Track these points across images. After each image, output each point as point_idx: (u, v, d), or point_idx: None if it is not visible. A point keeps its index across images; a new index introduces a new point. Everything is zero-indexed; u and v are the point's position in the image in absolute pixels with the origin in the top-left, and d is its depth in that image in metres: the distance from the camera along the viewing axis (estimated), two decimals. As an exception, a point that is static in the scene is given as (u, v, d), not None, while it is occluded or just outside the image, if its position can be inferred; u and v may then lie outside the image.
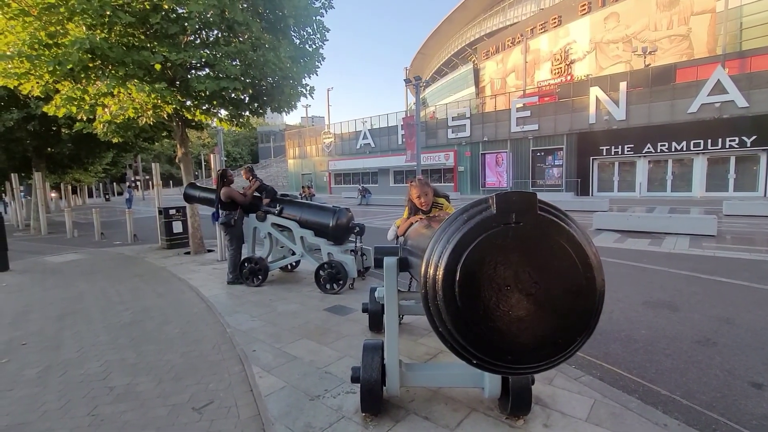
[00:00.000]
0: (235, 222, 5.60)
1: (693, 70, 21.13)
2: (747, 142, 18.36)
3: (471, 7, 46.18)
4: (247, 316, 4.38)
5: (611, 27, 31.71)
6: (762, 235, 9.21)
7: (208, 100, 6.72)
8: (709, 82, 19.10)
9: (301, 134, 43.42)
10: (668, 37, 28.60)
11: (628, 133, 21.41)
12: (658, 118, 20.52)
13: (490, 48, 42.72)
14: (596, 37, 32.70)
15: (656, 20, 29.15)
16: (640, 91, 21.29)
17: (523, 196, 0.81)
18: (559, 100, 24.61)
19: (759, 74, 18.38)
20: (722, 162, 19.74)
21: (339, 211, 5.42)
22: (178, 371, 3.11)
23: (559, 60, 35.58)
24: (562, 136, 23.84)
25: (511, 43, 39.54)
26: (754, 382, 2.84)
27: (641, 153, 21.20)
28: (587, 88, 23.19)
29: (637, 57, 27.37)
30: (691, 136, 19.65)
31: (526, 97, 26.93)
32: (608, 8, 31.67)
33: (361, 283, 5.57)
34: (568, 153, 23.76)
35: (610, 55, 32.08)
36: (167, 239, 9.03)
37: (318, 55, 7.55)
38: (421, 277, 0.89)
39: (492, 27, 45.84)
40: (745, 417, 2.46)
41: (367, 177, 34.58)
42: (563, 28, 35.00)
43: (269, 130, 64.01)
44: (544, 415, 2.46)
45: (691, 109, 19.60)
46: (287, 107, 7.94)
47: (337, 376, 2.96)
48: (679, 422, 2.36)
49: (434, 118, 31.75)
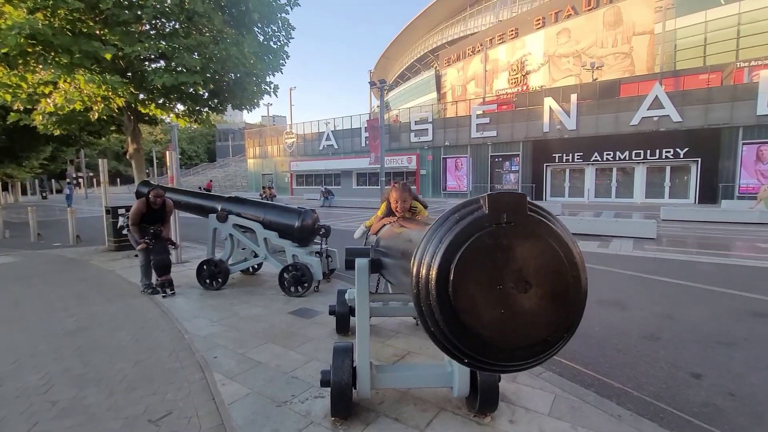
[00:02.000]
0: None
1: (635, 86, 22.88)
2: (680, 154, 20.13)
3: (433, 15, 47.27)
4: (206, 321, 4.18)
5: (563, 42, 33.67)
6: (693, 238, 10.13)
7: (164, 94, 6.36)
8: (649, 98, 20.75)
9: (262, 133, 42.24)
10: (613, 54, 30.82)
11: (578, 142, 22.77)
12: (605, 129, 22.00)
13: (451, 55, 43.88)
14: (549, 51, 34.58)
15: (603, 38, 31.32)
16: (588, 103, 22.74)
17: (514, 197, 0.83)
18: (516, 108, 25.72)
19: (690, 92, 20.24)
20: (659, 171, 21.48)
21: (304, 213, 5.32)
22: (131, 381, 2.91)
23: (515, 70, 37.23)
24: (519, 143, 24.92)
25: (471, 52, 40.85)
26: (694, 372, 3.10)
27: (589, 161, 22.61)
28: (542, 98, 24.42)
29: (586, 71, 29.21)
30: (633, 147, 21.24)
31: (486, 104, 27.92)
32: (561, 24, 33.62)
33: (326, 285, 5.50)
34: (524, 159, 24.86)
35: (562, 68, 34.05)
36: (115, 240, 8.42)
37: (283, 52, 7.39)
38: (412, 278, 0.89)
39: (453, 35, 47.14)
40: (687, 405, 2.68)
41: (330, 178, 34.27)
42: (520, 40, 36.70)
43: (228, 128, 61.65)
44: (509, 411, 2.54)
45: (633, 122, 21.18)
46: (250, 105, 7.70)
47: (304, 381, 2.90)
48: (632, 413, 2.52)
49: (397, 122, 32.08)
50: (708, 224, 12.44)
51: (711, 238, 10.00)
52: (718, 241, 9.48)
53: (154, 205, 5.09)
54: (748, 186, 18.73)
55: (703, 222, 12.92)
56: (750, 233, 10.58)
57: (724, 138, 19.25)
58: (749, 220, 12.48)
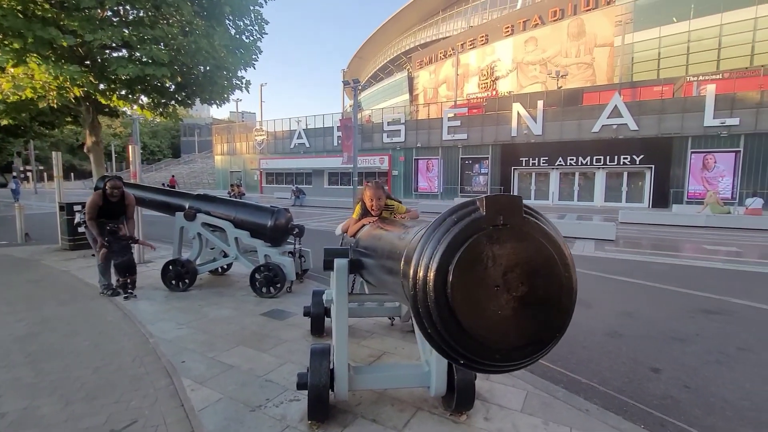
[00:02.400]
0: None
1: (596, 95, 24.07)
2: (636, 160, 21.34)
3: (407, 17, 47.70)
4: (172, 323, 4.00)
5: (530, 50, 34.91)
6: (648, 240, 10.77)
7: (127, 84, 6.03)
8: (609, 107, 21.87)
9: (230, 129, 40.96)
10: (576, 63, 32.30)
11: (543, 147, 23.65)
12: (569, 135, 22.98)
13: (423, 58, 44.41)
14: (518, 58, 35.75)
15: (567, 48, 32.74)
16: (554, 110, 23.67)
17: (511, 199, 0.85)
18: (486, 112, 26.38)
19: (646, 102, 21.53)
20: (617, 176, 22.69)
21: (277, 212, 5.20)
22: (90, 389, 2.73)
23: (485, 75, 38.22)
24: (488, 146, 25.56)
25: (443, 56, 41.52)
26: (653, 367, 3.29)
27: (554, 165, 23.54)
28: (510, 103, 25.18)
29: (552, 79, 30.43)
30: (594, 153, 22.31)
31: (457, 107, 28.42)
32: (528, 32, 34.84)
33: (299, 286, 5.40)
34: (493, 162, 25.53)
35: (529, 75, 35.30)
36: (70, 239, 7.89)
37: (256, 47, 7.20)
38: (409, 279, 0.88)
39: (426, 38, 47.76)
40: (648, 398, 2.83)
41: (301, 177, 33.76)
42: (490, 46, 37.70)
43: (194, 123, 59.30)
44: (484, 408, 2.59)
45: (594, 129, 22.25)
46: (219, 99, 7.45)
47: (279, 384, 2.83)
48: (598, 407, 2.64)
49: (370, 122, 32.06)
50: (661, 227, 13.27)
51: (664, 240, 10.67)
52: (670, 243, 10.13)
53: (111, 197, 4.70)
54: (695, 192, 20.14)
55: (657, 225, 13.77)
56: (698, 236, 11.37)
57: (675, 147, 20.60)
58: (697, 223, 13.42)
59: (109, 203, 4.73)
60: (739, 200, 18.22)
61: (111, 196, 4.71)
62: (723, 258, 8.04)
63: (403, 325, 4.02)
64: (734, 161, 19.48)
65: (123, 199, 4.83)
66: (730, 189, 19.43)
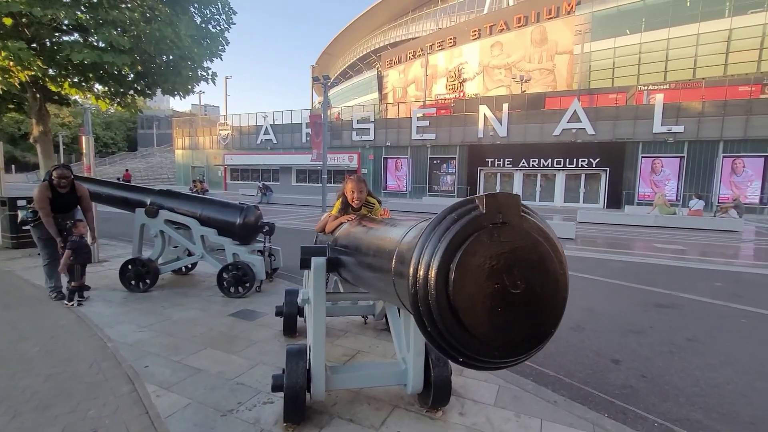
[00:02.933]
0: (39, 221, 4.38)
1: (557, 100, 25.17)
2: (593, 163, 22.55)
3: (376, 16, 47.72)
4: (133, 326, 3.77)
5: (496, 54, 35.96)
6: (604, 238, 11.40)
7: (81, 71, 5.61)
8: (568, 112, 22.95)
9: (192, 123, 39.25)
10: (539, 69, 33.62)
11: (508, 149, 24.45)
12: (532, 138, 23.89)
13: (393, 58, 44.61)
14: (484, 61, 36.71)
15: (530, 54, 34.01)
16: (518, 113, 24.52)
17: (510, 197, 0.86)
18: (454, 113, 26.91)
19: (602, 109, 22.77)
20: (576, 178, 23.87)
21: (247, 209, 5.04)
22: (42, 399, 2.52)
23: (453, 77, 38.96)
24: (456, 146, 26.09)
25: (412, 56, 41.90)
26: (614, 359, 3.49)
27: (518, 167, 24.40)
28: (477, 105, 25.82)
29: (516, 83, 31.48)
30: (555, 155, 23.34)
31: (426, 108, 28.77)
32: (494, 37, 35.86)
33: (268, 285, 5.26)
34: (460, 162, 26.10)
35: (495, 78, 36.36)
36: (13, 237, 7.27)
37: (223, 38, 6.93)
38: (409, 278, 0.88)
39: (395, 38, 48.00)
40: (610, 388, 3.00)
41: (268, 174, 32.95)
42: (458, 48, 38.47)
43: (153, 115, 56.19)
44: (458, 404, 2.63)
45: (555, 132, 23.28)
46: (183, 91, 7.10)
47: (251, 387, 2.74)
48: (565, 398, 2.76)
49: (339, 120, 31.80)
50: (615, 226, 14.09)
51: (618, 238, 11.33)
52: (624, 242, 10.77)
53: (60, 188, 4.30)
54: (645, 194, 21.55)
55: (611, 224, 14.61)
56: (648, 234, 12.18)
57: (627, 151, 21.94)
58: (647, 223, 14.37)
59: (59, 195, 4.32)
60: (683, 202, 19.67)
61: (59, 187, 4.30)
62: (670, 255, 8.65)
63: (376, 323, 4.02)
64: (679, 166, 21.02)
65: (73, 190, 4.44)
66: (675, 191, 20.95)
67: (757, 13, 25.09)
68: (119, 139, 58.11)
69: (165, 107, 66.95)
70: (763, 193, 19.60)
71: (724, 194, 19.60)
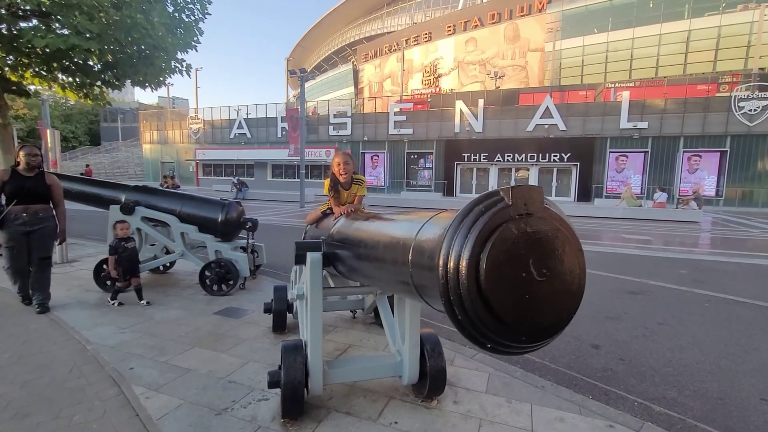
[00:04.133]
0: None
1: (531, 96, 25.80)
2: (565, 158, 23.30)
3: (351, 9, 47.23)
4: (112, 328, 3.64)
5: (471, 50, 36.40)
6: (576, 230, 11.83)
7: (45, 60, 5.29)
8: (541, 108, 23.56)
9: (161, 116, 37.68)
10: (512, 66, 34.30)
11: (484, 144, 24.89)
12: (506, 133, 24.40)
13: (369, 52, 44.35)
14: (459, 57, 37.10)
15: (504, 50, 34.64)
16: (493, 108, 24.97)
17: (533, 189, 0.90)
18: (430, 108, 27.10)
19: (572, 105, 23.52)
20: (548, 172, 24.61)
21: (229, 205, 4.93)
22: (20, 407, 2.40)
23: (429, 72, 39.19)
24: (433, 141, 26.31)
25: (388, 50, 41.79)
26: (593, 344, 3.66)
27: (493, 161, 24.90)
28: (453, 100, 26.10)
29: (490, 79, 32.03)
30: (529, 150, 23.95)
31: (403, 102, 28.81)
32: (468, 33, 36.26)
33: (252, 282, 5.18)
34: (437, 157, 26.36)
35: (470, 74, 36.83)
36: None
37: (197, 28, 6.68)
38: (438, 269, 0.90)
39: (371, 32, 47.72)
40: (591, 371, 3.15)
41: (242, 169, 32.19)
42: (433, 44, 38.67)
43: (117, 108, 53.53)
44: (452, 393, 2.70)
45: (529, 128, 23.87)
46: (155, 83, 6.81)
47: (243, 385, 2.71)
48: (552, 383, 2.88)
49: (315, 114, 31.39)
50: (586, 218, 14.66)
51: (590, 230, 11.80)
52: (595, 233, 11.23)
53: (28, 170, 3.77)
54: (612, 187, 22.49)
55: (582, 216, 15.19)
56: (616, 226, 12.75)
57: (596, 146, 22.79)
58: (615, 215, 15.04)
59: (23, 181, 3.75)
60: (647, 195, 20.67)
61: (27, 169, 3.76)
62: (638, 245, 9.10)
63: (365, 317, 4.04)
64: (643, 160, 22.04)
65: (42, 177, 3.90)
66: (640, 185, 21.97)
67: (713, 16, 26.54)
68: (80, 133, 55.00)
69: (129, 99, 63.96)
70: (719, 185, 20.87)
71: (684, 187, 20.74)
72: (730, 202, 20.57)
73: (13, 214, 3.76)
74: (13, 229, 3.77)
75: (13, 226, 3.77)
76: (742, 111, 19.94)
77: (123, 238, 4.14)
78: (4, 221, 3.74)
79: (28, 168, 3.81)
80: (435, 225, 1.07)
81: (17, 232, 3.79)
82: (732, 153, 20.47)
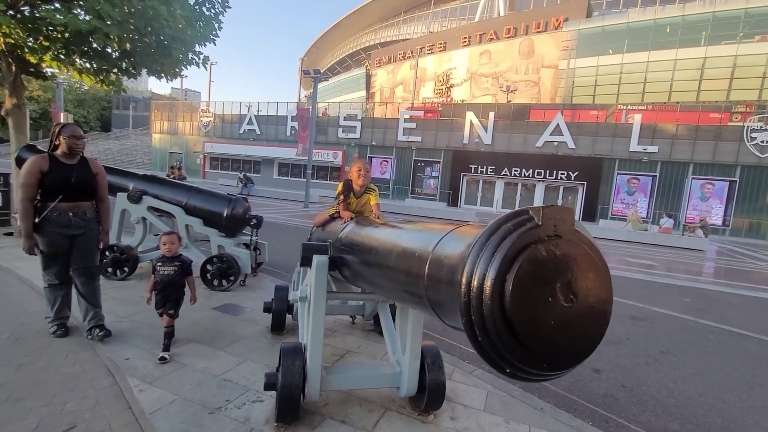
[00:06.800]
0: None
1: (541, 112, 25.80)
2: (572, 177, 23.21)
3: (368, 14, 47.59)
4: (111, 316, 3.61)
5: (484, 62, 36.50)
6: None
7: (66, 43, 5.32)
8: (551, 125, 23.53)
9: (173, 107, 37.92)
10: (525, 81, 34.34)
11: (492, 157, 24.86)
12: (515, 147, 24.37)
13: (382, 57, 44.55)
14: (472, 68, 37.19)
15: (517, 65, 34.70)
16: (503, 122, 24.97)
17: (564, 210, 0.86)
18: (441, 118, 27.13)
19: (583, 124, 23.48)
20: (554, 190, 24.51)
21: (235, 200, 4.92)
22: (14, 390, 2.38)
23: (441, 81, 39.27)
24: (441, 150, 26.31)
25: (402, 57, 41.96)
26: (595, 368, 3.59)
27: (500, 175, 24.84)
28: (464, 111, 26.13)
29: (502, 93, 32.06)
30: (536, 166, 23.89)
31: (413, 110, 28.88)
32: (483, 45, 36.38)
33: (252, 280, 5.15)
34: (444, 167, 26.33)
35: (482, 86, 36.89)
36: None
37: (217, 21, 6.72)
38: (461, 287, 0.87)
39: (386, 38, 48.01)
40: (592, 396, 3.09)
41: (249, 165, 32.24)
42: (447, 54, 38.80)
43: (130, 96, 53.89)
44: (449, 408, 2.65)
45: (538, 144, 23.83)
46: (171, 74, 6.84)
47: (239, 384, 2.67)
48: (551, 405, 2.82)
49: (326, 115, 31.48)
50: (590, 239, 14.55)
51: (594, 251, 11.70)
52: (599, 254, 11.13)
53: (70, 155, 2.93)
54: (618, 209, 22.37)
55: (587, 237, 15.07)
56: (621, 249, 12.65)
57: (604, 167, 22.70)
58: (620, 237, 14.92)
59: (67, 170, 2.91)
60: (653, 219, 20.53)
61: (70, 155, 2.92)
62: (643, 270, 9.01)
63: (364, 323, 4.00)
64: (651, 184, 21.93)
65: (88, 164, 3.06)
66: (646, 209, 21.84)
67: (730, 45, 26.49)
68: (92, 119, 55.38)
69: (143, 88, 64.48)
70: (726, 215, 20.71)
71: (691, 214, 20.59)
72: (737, 232, 20.39)
73: (56, 213, 2.90)
74: (57, 232, 2.93)
75: (57, 229, 2.92)
76: (754, 142, 19.84)
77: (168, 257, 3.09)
78: (44, 222, 2.88)
79: (70, 154, 2.97)
80: (457, 240, 1.04)
81: (61, 235, 2.95)
82: (741, 183, 20.33)
